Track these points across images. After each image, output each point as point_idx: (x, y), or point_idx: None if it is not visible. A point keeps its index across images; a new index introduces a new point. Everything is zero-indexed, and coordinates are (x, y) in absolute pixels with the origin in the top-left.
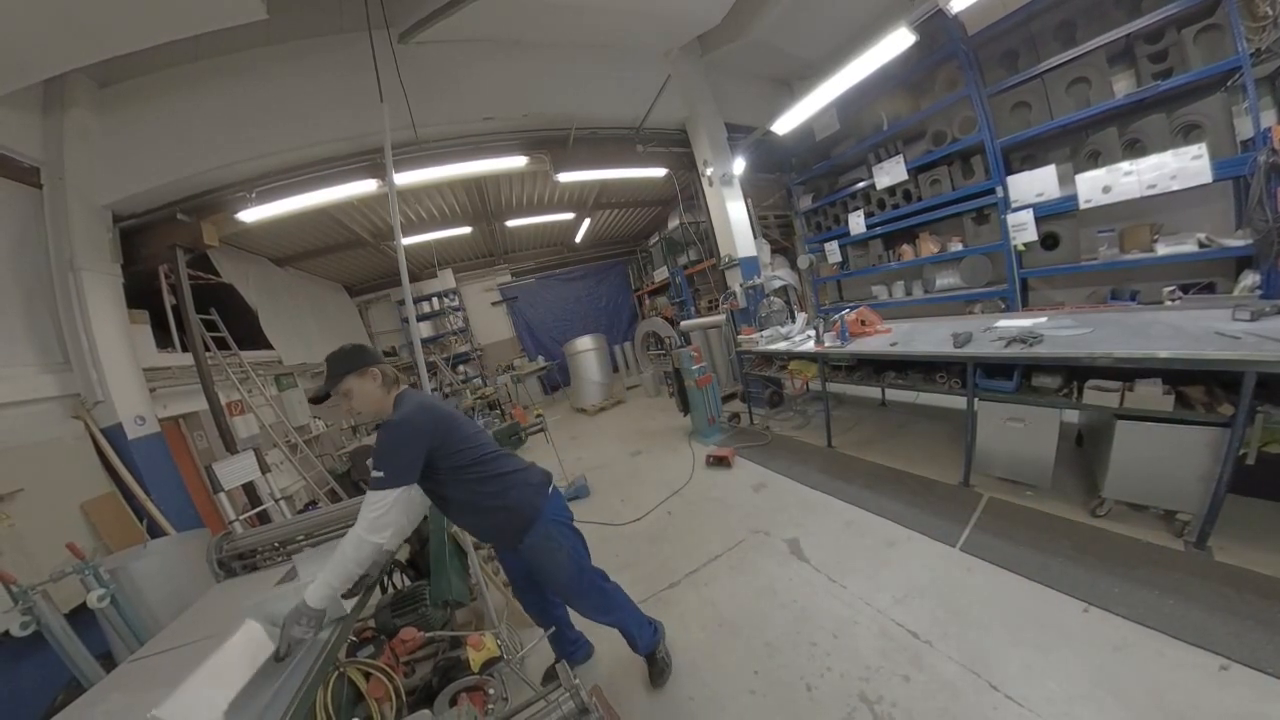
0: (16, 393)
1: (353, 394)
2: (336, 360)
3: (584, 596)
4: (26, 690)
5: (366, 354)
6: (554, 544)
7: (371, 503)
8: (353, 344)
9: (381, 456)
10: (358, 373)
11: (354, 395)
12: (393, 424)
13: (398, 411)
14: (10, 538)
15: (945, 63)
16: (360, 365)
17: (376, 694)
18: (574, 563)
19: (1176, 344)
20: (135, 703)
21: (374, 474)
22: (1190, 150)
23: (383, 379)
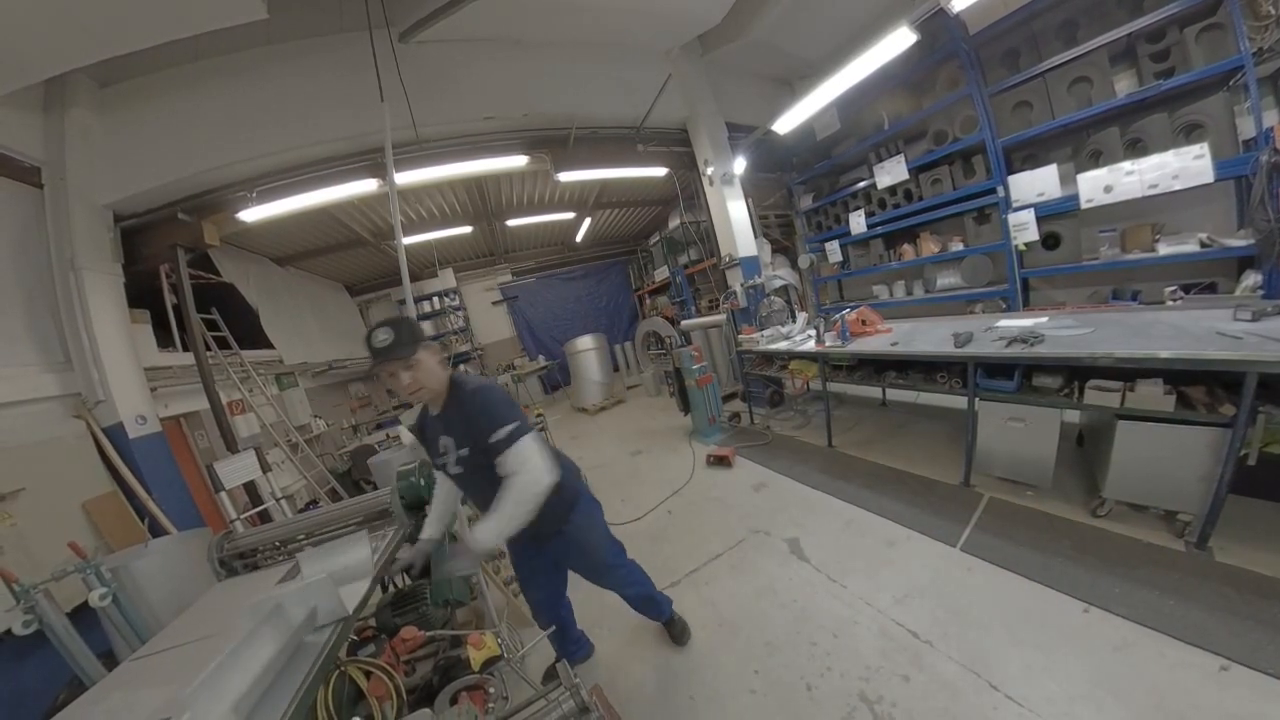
0: (18, 392)
1: (420, 366)
2: (407, 329)
3: (616, 570)
4: (29, 688)
5: (419, 327)
6: (593, 521)
7: (529, 451)
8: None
9: (502, 411)
10: (427, 345)
11: (421, 368)
12: (483, 387)
13: (472, 382)
14: (12, 537)
15: (946, 62)
16: (425, 340)
17: (377, 692)
18: (609, 539)
19: (1178, 344)
20: (137, 701)
21: (506, 428)
22: (1192, 150)
23: (440, 355)
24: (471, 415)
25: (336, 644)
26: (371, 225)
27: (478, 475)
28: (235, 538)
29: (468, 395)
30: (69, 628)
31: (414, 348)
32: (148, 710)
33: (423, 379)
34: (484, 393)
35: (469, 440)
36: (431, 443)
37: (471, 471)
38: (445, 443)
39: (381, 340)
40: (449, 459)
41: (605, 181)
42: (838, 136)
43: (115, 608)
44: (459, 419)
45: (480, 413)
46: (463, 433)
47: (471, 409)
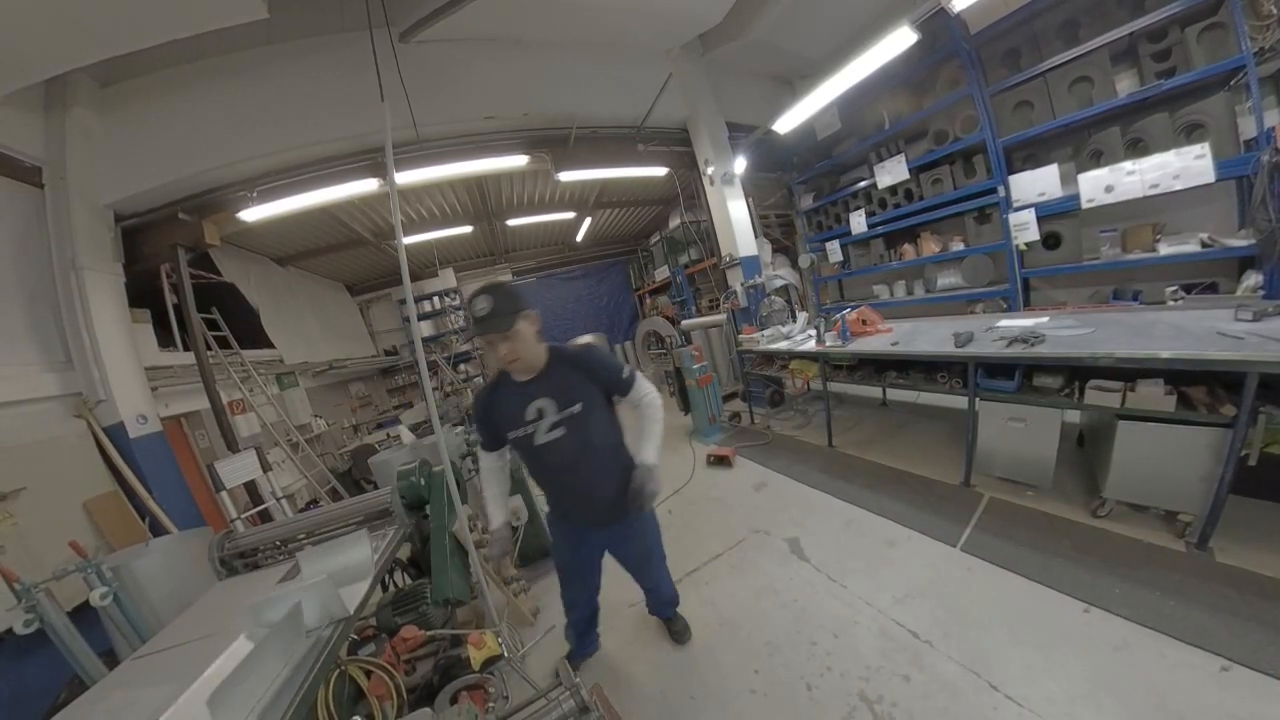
0: (19, 391)
1: (519, 338)
2: (506, 298)
3: (662, 562)
4: (30, 687)
5: (525, 297)
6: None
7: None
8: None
9: (614, 361)
10: (525, 315)
11: (519, 339)
12: (590, 345)
13: (571, 346)
14: (13, 536)
15: (947, 61)
16: (525, 308)
17: (378, 692)
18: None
19: (1179, 344)
20: (138, 700)
21: (626, 367)
22: (1193, 150)
23: (539, 326)
24: (591, 367)
25: (337, 643)
26: (372, 225)
27: (578, 432)
28: (236, 537)
29: (577, 355)
30: (70, 627)
31: (513, 319)
32: (150, 709)
33: (520, 350)
34: (595, 349)
35: (582, 394)
36: (511, 413)
37: (575, 429)
38: (540, 406)
39: (481, 310)
40: (541, 424)
41: (606, 181)
42: (838, 136)
43: (116, 607)
44: (568, 379)
45: (600, 364)
46: (573, 389)
47: (589, 363)
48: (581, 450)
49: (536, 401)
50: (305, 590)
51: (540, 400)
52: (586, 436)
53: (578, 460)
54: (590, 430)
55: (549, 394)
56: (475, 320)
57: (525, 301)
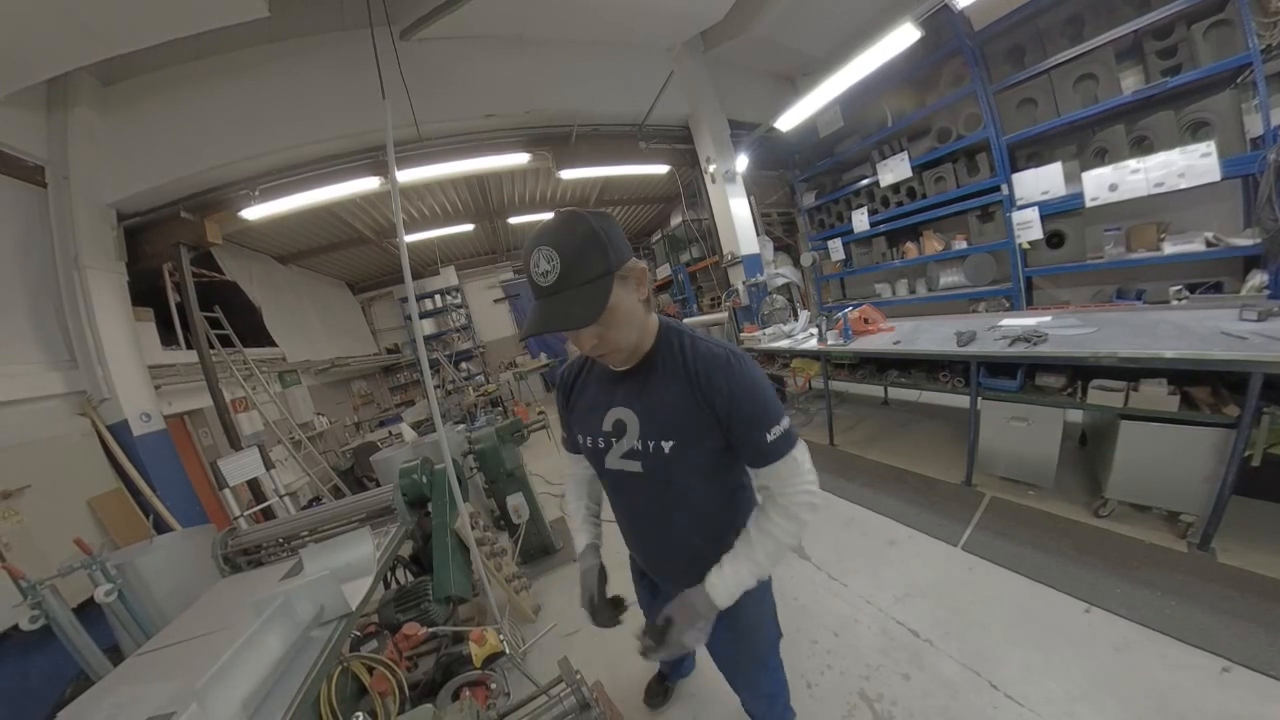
0: (23, 390)
1: (619, 314)
2: (586, 249)
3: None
4: (36, 683)
5: (623, 236)
6: (766, 591)
7: (805, 461)
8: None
9: (771, 398)
10: (623, 276)
11: (619, 316)
12: (734, 356)
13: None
14: (19, 533)
15: (951, 58)
16: (623, 260)
17: (380, 688)
18: (774, 621)
19: (1182, 344)
20: (143, 695)
21: (780, 426)
22: (1199, 148)
23: (647, 285)
24: (717, 397)
25: (339, 640)
26: (374, 223)
27: (660, 476)
28: (239, 534)
29: (705, 366)
30: (75, 623)
31: (602, 282)
32: (154, 705)
33: (615, 338)
34: (740, 365)
35: (683, 428)
36: (590, 411)
37: (657, 471)
38: (620, 418)
39: (544, 275)
40: (618, 445)
41: (607, 179)
42: (841, 134)
43: (121, 603)
44: (672, 396)
45: (736, 398)
46: (673, 415)
47: (717, 391)
48: (658, 500)
49: (617, 410)
50: (308, 587)
51: (622, 410)
52: (670, 488)
53: (651, 510)
54: (677, 481)
55: (637, 406)
56: (539, 291)
57: (622, 245)
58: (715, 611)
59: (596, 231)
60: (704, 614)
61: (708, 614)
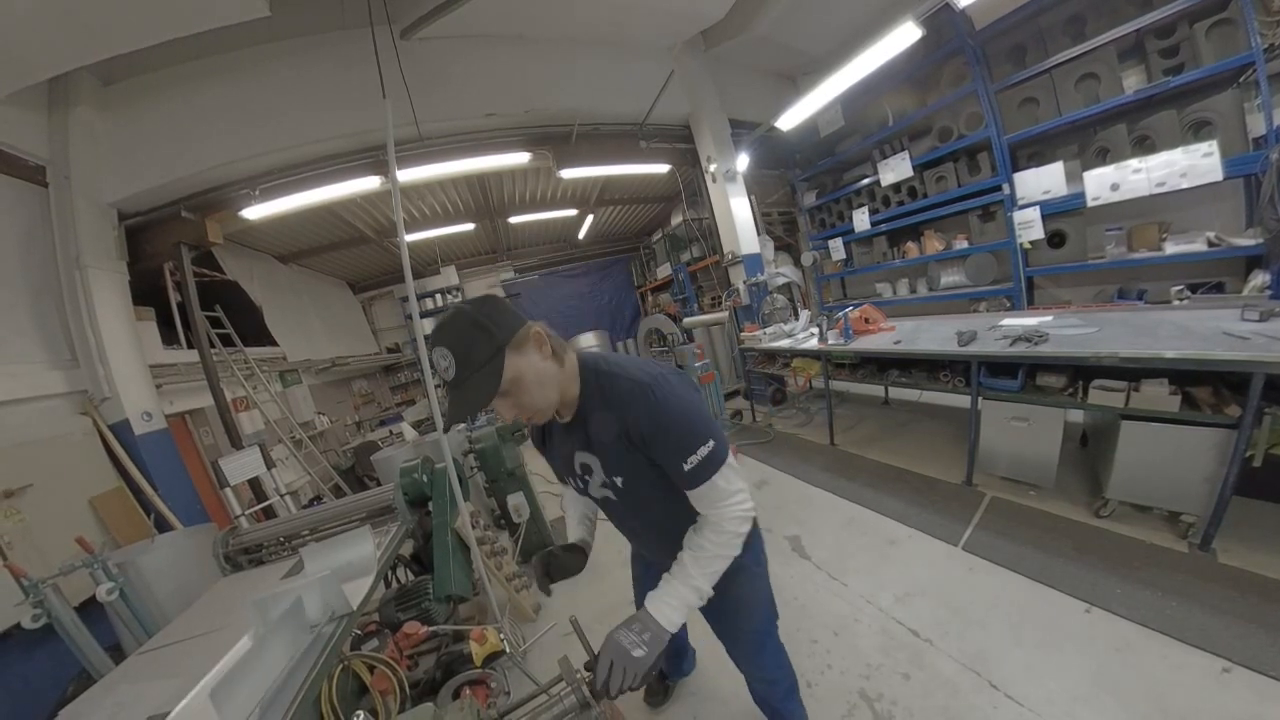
0: (25, 389)
1: (524, 381)
2: (473, 335)
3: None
4: (39, 681)
5: (507, 310)
6: (761, 569)
7: (733, 483)
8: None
9: (688, 425)
10: (515, 347)
11: (525, 383)
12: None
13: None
14: (21, 532)
15: (952, 58)
16: (511, 332)
17: (381, 687)
18: (769, 598)
19: (1184, 344)
20: (144, 694)
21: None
22: (1201, 148)
23: (548, 342)
24: (635, 433)
25: (341, 638)
26: (374, 222)
27: (637, 507)
28: (240, 533)
29: (619, 406)
30: (77, 622)
31: (494, 362)
32: (156, 703)
33: (532, 402)
34: (652, 394)
35: (625, 465)
36: (559, 459)
37: (628, 501)
38: (585, 462)
39: (446, 370)
40: (592, 480)
41: (608, 178)
42: (842, 133)
43: (122, 602)
44: (608, 434)
45: (656, 429)
46: (615, 454)
47: (631, 421)
48: (638, 513)
49: (580, 455)
50: (309, 586)
51: (584, 455)
52: (643, 505)
53: (634, 521)
54: (647, 499)
55: (588, 448)
56: (447, 386)
57: (505, 320)
58: (665, 632)
59: (476, 319)
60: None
61: (650, 627)
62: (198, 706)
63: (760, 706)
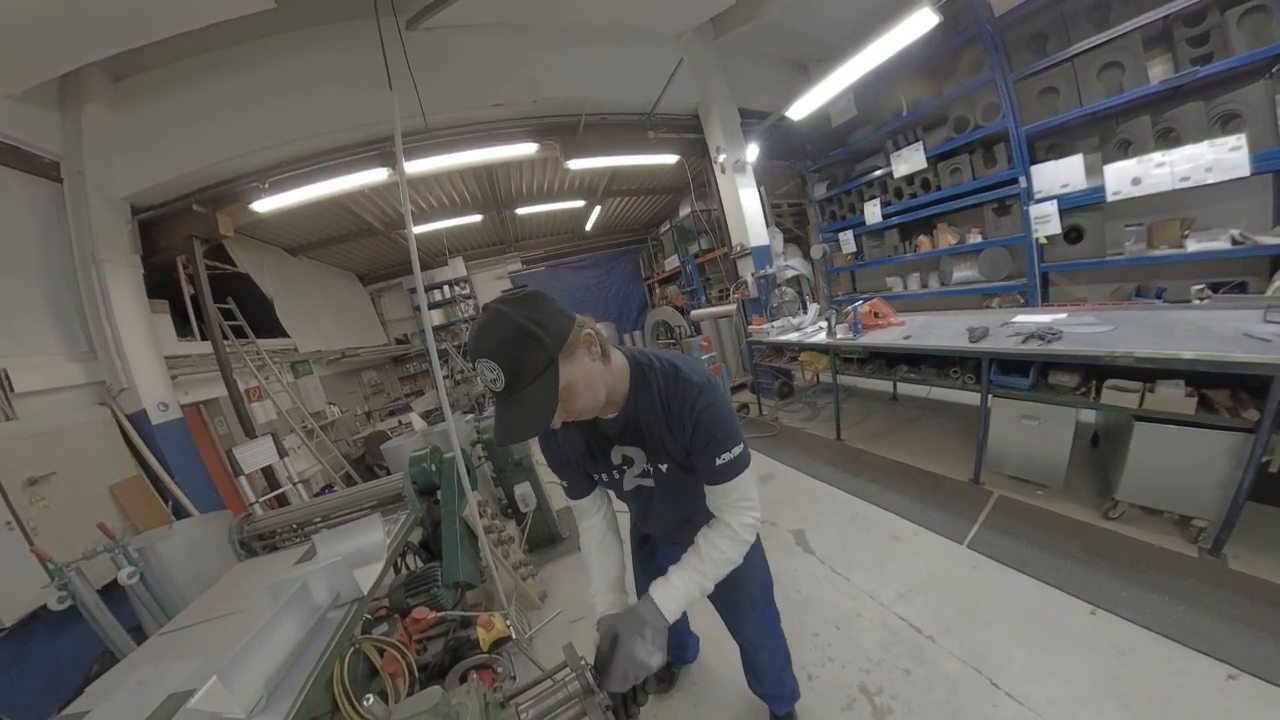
0: (46, 380)
1: (576, 388)
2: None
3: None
4: (65, 660)
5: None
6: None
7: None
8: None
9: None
10: (567, 354)
11: (577, 389)
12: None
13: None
14: (45, 518)
15: (970, 45)
16: (563, 338)
17: (390, 670)
18: (766, 567)
19: (1202, 345)
20: (165, 673)
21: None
22: (1228, 141)
23: (597, 342)
24: (684, 425)
25: (352, 622)
26: (382, 214)
27: (672, 493)
28: (254, 520)
29: (667, 405)
30: (100, 604)
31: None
32: (176, 682)
33: (582, 406)
34: (703, 396)
35: (670, 454)
36: (593, 454)
37: (666, 488)
38: (627, 454)
39: (494, 383)
40: (630, 470)
41: (615, 169)
42: (854, 123)
43: (143, 585)
44: (655, 427)
45: (699, 426)
46: (662, 445)
47: (682, 417)
48: (672, 500)
49: (622, 448)
50: (321, 571)
51: (627, 448)
52: (679, 491)
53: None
54: (684, 486)
55: (633, 441)
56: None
57: (555, 324)
58: (666, 624)
59: (524, 326)
60: (653, 624)
61: (658, 625)
62: (214, 688)
63: (755, 686)
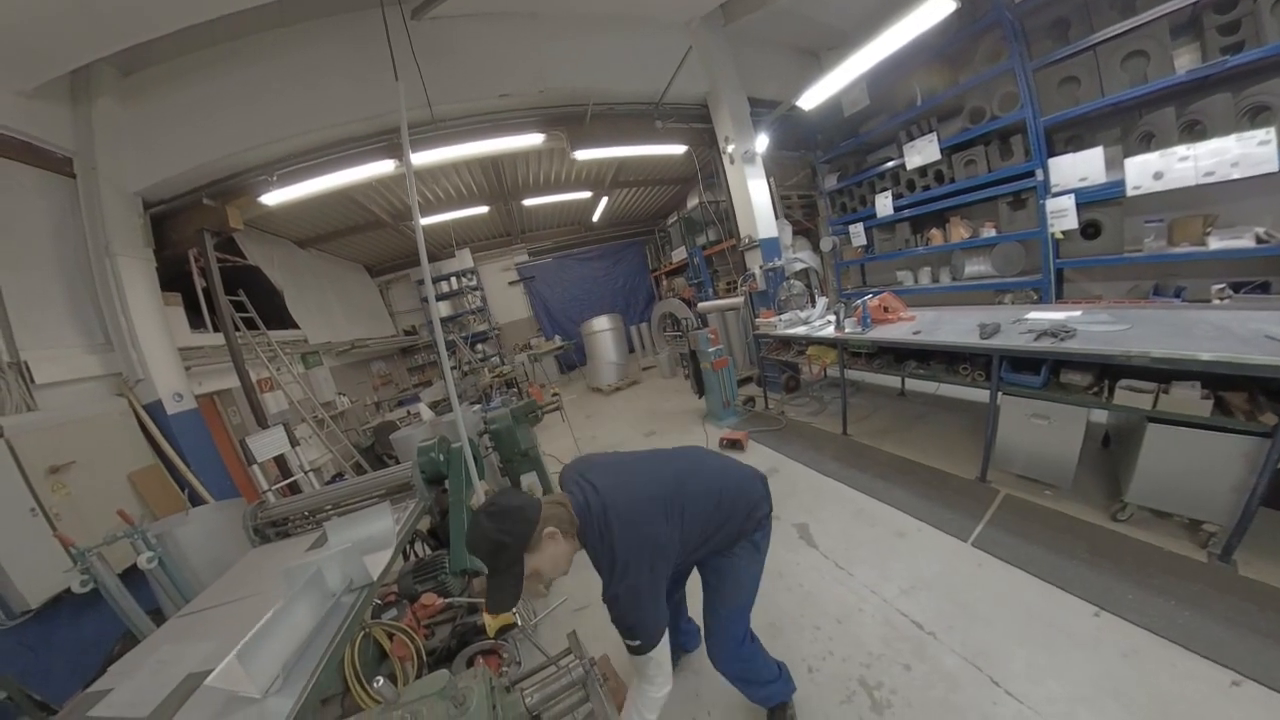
0: (65, 372)
1: (541, 570)
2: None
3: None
4: (88, 640)
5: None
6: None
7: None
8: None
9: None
10: (532, 549)
11: (542, 570)
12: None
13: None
14: (67, 505)
15: (988, 32)
16: (527, 535)
17: (400, 653)
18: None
19: (1221, 346)
20: (184, 653)
21: (631, 643)
22: (1257, 135)
23: (558, 532)
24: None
25: (362, 607)
26: (389, 206)
27: None
28: (268, 507)
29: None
30: (121, 587)
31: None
32: (194, 661)
33: (548, 575)
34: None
35: None
36: None
37: None
38: None
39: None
40: None
41: (623, 160)
42: (866, 113)
43: (161, 570)
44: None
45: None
46: None
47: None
48: None
49: None
50: (332, 558)
51: None
52: None
53: None
54: None
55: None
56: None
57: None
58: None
59: (495, 538)
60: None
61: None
62: (230, 668)
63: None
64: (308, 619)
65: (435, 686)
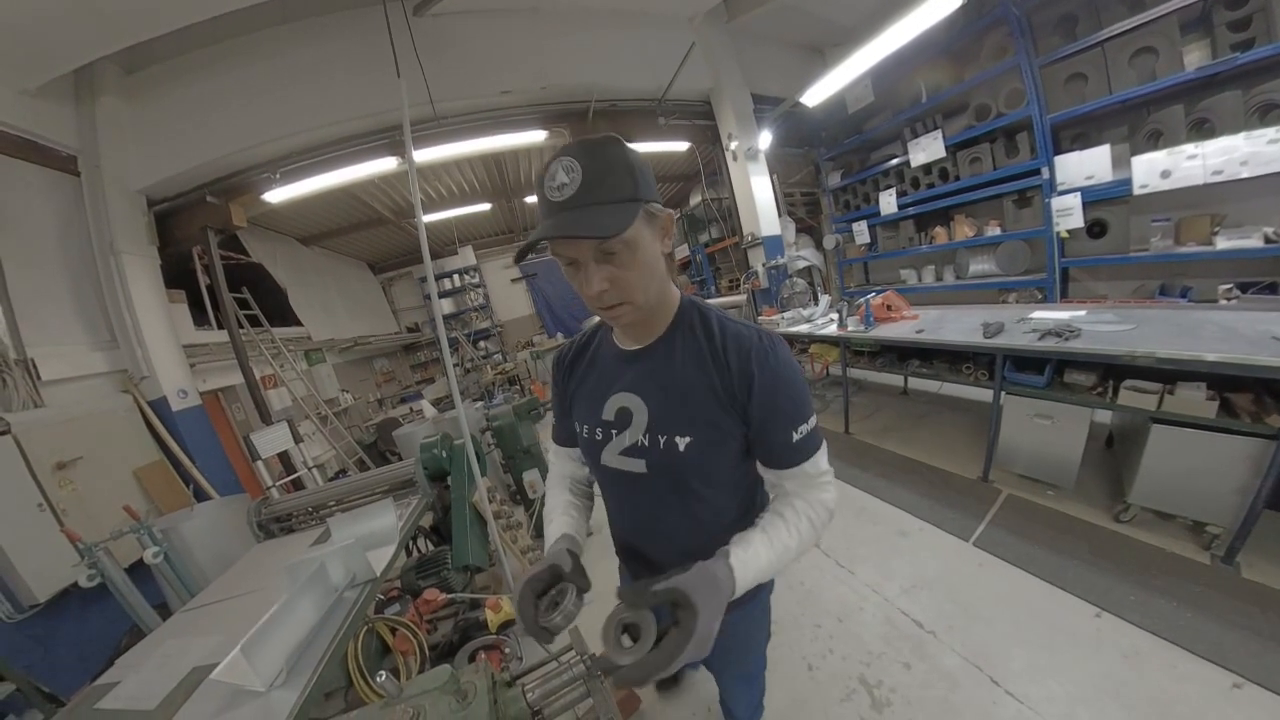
0: (71, 369)
1: (638, 251)
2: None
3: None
4: (95, 634)
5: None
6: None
7: (826, 467)
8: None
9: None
10: (651, 211)
11: (639, 254)
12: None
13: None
14: (74, 500)
15: (994, 28)
16: (652, 197)
17: (402, 648)
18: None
19: (1227, 347)
20: (189, 646)
21: (808, 424)
22: (1267, 133)
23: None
24: (746, 387)
25: (365, 602)
26: (392, 203)
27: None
28: (272, 503)
29: (741, 349)
30: (127, 581)
31: (629, 205)
32: (200, 655)
33: (631, 282)
34: (779, 357)
35: (702, 422)
36: (591, 396)
37: (664, 471)
38: (626, 405)
39: (560, 189)
40: (617, 439)
41: None
42: (871, 110)
43: (167, 565)
44: (693, 382)
45: (773, 393)
46: (691, 406)
47: (749, 378)
48: (661, 504)
49: (622, 396)
50: (336, 553)
51: (628, 397)
52: (677, 493)
53: (651, 517)
54: (687, 486)
55: (648, 392)
56: (550, 208)
57: (651, 182)
58: (733, 589)
59: (628, 156)
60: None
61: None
62: (234, 662)
63: None
64: (311, 614)
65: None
